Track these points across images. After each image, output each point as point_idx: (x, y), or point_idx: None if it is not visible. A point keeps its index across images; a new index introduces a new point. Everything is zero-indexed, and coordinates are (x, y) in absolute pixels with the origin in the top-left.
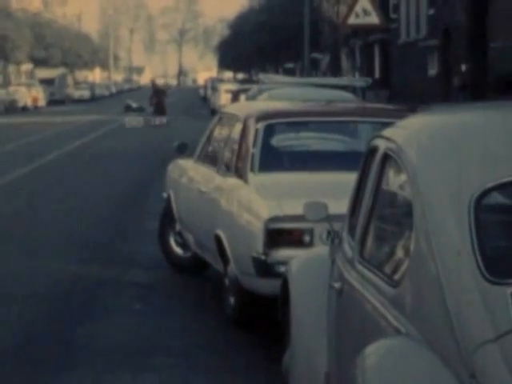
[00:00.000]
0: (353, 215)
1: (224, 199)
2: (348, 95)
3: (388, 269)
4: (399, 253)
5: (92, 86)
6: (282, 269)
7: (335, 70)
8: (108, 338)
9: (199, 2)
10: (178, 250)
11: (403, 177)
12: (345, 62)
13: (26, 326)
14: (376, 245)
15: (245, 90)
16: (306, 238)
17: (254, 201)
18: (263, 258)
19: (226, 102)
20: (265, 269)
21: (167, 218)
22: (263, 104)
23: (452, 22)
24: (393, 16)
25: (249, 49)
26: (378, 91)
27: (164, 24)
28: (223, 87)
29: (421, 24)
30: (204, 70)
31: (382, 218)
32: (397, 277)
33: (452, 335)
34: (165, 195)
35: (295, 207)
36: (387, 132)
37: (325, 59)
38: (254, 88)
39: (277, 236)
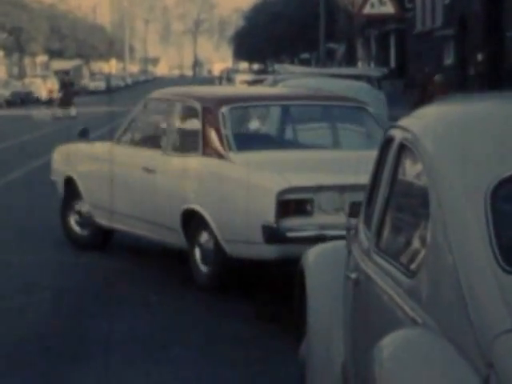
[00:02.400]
0: (369, 205)
1: (203, 176)
2: (363, 85)
3: (404, 259)
4: (415, 243)
5: (107, 78)
6: (290, 235)
7: (350, 60)
8: (125, 330)
9: None
10: (77, 229)
11: (419, 167)
12: (360, 52)
13: (43, 316)
14: (392, 235)
15: (260, 81)
16: (308, 208)
17: (256, 176)
18: (275, 226)
19: None
20: (275, 236)
21: (68, 199)
22: (205, 89)
23: (468, 11)
24: (408, 5)
25: (264, 39)
26: (393, 81)
27: (179, 15)
28: (239, 78)
29: (436, 13)
30: (219, 60)
31: (398, 208)
32: (413, 267)
33: (469, 325)
34: (55, 178)
35: (298, 180)
36: (403, 122)
37: (340, 49)
38: (270, 78)
39: (285, 206)
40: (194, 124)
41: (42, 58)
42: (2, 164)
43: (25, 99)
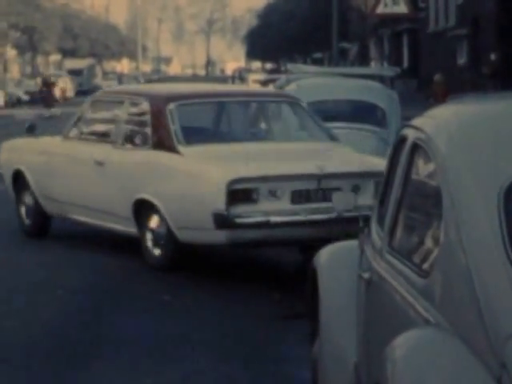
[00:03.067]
0: (382, 205)
1: (154, 168)
2: (376, 85)
3: (417, 259)
4: (428, 243)
5: (120, 77)
6: (238, 221)
7: (363, 59)
8: (136, 329)
9: None
10: (26, 219)
11: (432, 166)
12: (373, 52)
13: (54, 314)
14: (405, 235)
15: (273, 80)
16: (254, 196)
17: (207, 168)
18: (225, 213)
19: None
20: (225, 222)
21: (17, 191)
22: (154, 86)
23: (481, 10)
24: (421, 5)
25: (277, 39)
26: (406, 80)
27: (192, 14)
28: (251, 77)
29: (449, 13)
30: (232, 60)
31: (411, 207)
32: (426, 267)
33: (482, 325)
34: (3, 171)
35: (245, 171)
36: (416, 122)
37: (353, 49)
38: (282, 78)
39: (234, 195)
40: (144, 120)
41: (54, 57)
42: None
43: (37, 98)
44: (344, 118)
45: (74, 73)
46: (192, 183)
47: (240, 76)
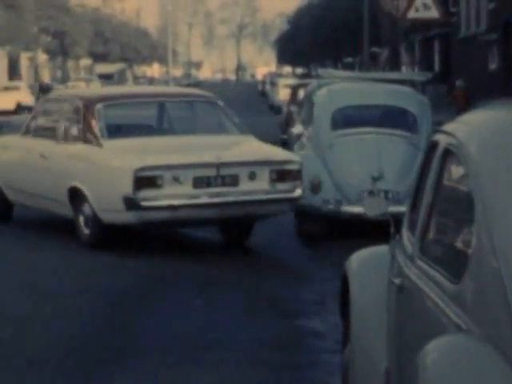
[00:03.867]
0: (413, 211)
1: (82, 160)
2: (407, 90)
3: (449, 264)
4: (460, 248)
5: (150, 81)
6: (144, 204)
7: (394, 64)
8: (169, 333)
9: None
10: None
11: (464, 172)
12: (404, 57)
13: (88, 318)
14: (436, 240)
15: (304, 85)
16: (159, 182)
17: (118, 158)
18: (133, 197)
19: (285, 97)
20: (133, 205)
21: None
22: (89, 90)
23: None
24: (452, 10)
25: (307, 43)
26: (437, 85)
27: (223, 19)
28: (282, 82)
29: (481, 18)
30: (262, 64)
31: (442, 213)
32: (458, 273)
33: None
34: None
35: (150, 160)
36: (448, 127)
37: (384, 53)
38: (314, 83)
39: (140, 181)
40: (78, 118)
41: (85, 62)
42: None
43: None
44: (375, 123)
45: (105, 77)
46: (107, 171)
47: (271, 81)
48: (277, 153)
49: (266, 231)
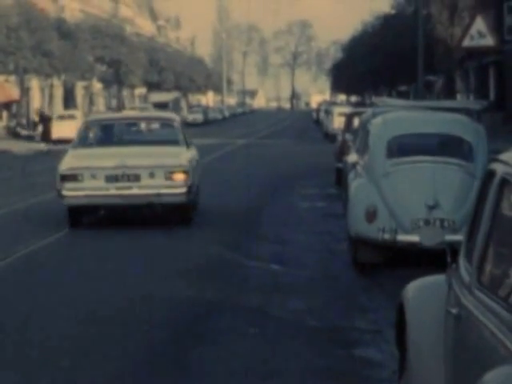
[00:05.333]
0: (470, 240)
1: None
2: (463, 118)
3: (507, 294)
4: None
5: (205, 110)
6: (67, 193)
7: (449, 92)
8: (223, 362)
9: (312, 25)
10: None
11: None
12: (459, 84)
13: (143, 348)
14: (494, 270)
15: (358, 114)
16: (79, 178)
17: (63, 161)
18: (59, 188)
19: (339, 126)
20: (60, 194)
21: None
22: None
23: None
24: (507, 37)
25: (362, 71)
26: (493, 114)
27: (277, 47)
28: (337, 110)
29: None
30: (317, 92)
31: (500, 242)
32: None
33: None
34: None
35: (75, 163)
36: (505, 156)
37: (439, 81)
38: (369, 111)
39: (65, 177)
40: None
41: (140, 90)
42: None
43: None
44: (430, 151)
45: (160, 106)
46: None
47: (326, 109)
48: (173, 160)
49: (320, 261)
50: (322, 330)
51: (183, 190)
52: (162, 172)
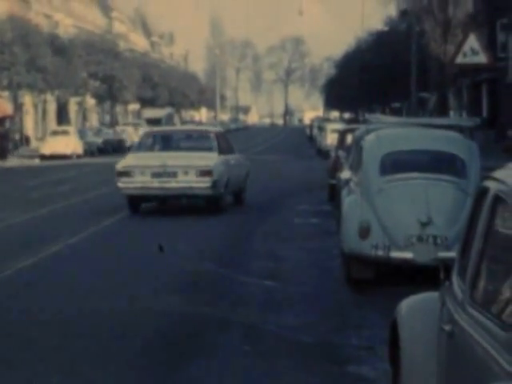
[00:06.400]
0: (463, 257)
1: None
2: (456, 135)
3: (499, 312)
4: (511, 295)
5: (198, 125)
6: (122, 185)
7: (442, 109)
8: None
9: (306, 42)
10: None
11: None
12: (452, 102)
13: (139, 361)
14: (487, 287)
15: (351, 130)
16: (132, 174)
17: (121, 161)
18: (116, 180)
19: (333, 142)
20: (117, 186)
21: None
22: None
23: None
24: (501, 55)
25: (355, 88)
26: (485, 131)
27: (270, 63)
28: (330, 127)
29: None
30: (310, 109)
31: (493, 260)
32: (509, 320)
33: None
34: None
35: (130, 162)
36: (498, 174)
37: (432, 98)
38: (362, 128)
39: (122, 173)
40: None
41: (133, 106)
42: None
43: (116, 147)
44: (423, 168)
45: (152, 122)
46: None
47: (319, 125)
48: (202, 162)
49: (314, 277)
50: (315, 346)
51: (208, 184)
52: (194, 170)
